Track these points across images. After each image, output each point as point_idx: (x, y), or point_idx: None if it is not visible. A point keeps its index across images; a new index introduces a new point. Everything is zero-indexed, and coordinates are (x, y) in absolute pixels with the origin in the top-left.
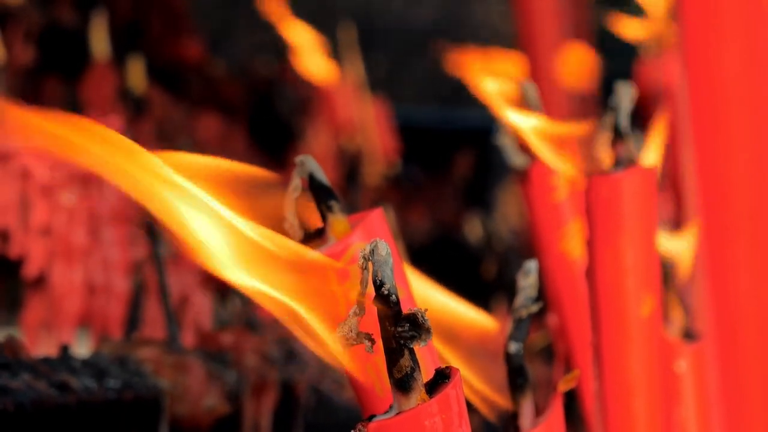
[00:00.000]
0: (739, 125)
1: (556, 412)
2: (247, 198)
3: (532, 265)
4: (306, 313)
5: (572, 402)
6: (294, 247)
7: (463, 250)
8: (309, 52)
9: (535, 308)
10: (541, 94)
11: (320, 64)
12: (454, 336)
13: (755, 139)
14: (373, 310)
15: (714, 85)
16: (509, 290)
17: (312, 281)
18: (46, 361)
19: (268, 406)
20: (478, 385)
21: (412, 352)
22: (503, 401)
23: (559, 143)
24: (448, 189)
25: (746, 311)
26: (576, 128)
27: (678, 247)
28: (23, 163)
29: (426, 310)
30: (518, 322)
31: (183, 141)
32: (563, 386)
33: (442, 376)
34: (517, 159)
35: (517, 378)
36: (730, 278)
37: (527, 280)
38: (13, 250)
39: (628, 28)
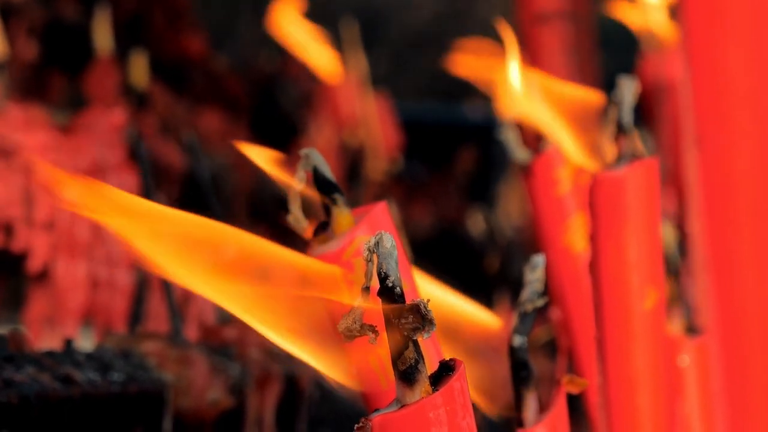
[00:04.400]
0: (742, 120)
1: (559, 406)
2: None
3: (539, 259)
4: (303, 323)
5: (576, 396)
6: (294, 257)
7: (466, 245)
8: (312, 47)
9: (540, 302)
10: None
11: (323, 59)
12: (455, 333)
13: (759, 133)
14: (377, 302)
15: (717, 79)
16: (512, 285)
17: (313, 289)
18: (50, 354)
19: (271, 400)
20: (480, 381)
21: (416, 343)
22: (505, 397)
23: (568, 128)
24: (451, 184)
25: (749, 305)
26: (583, 96)
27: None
28: (26, 158)
29: (428, 300)
30: (523, 316)
31: (186, 135)
32: (569, 387)
33: (446, 368)
34: (519, 153)
35: (520, 371)
36: (733, 272)
37: (534, 274)
38: (17, 245)
39: (630, 22)
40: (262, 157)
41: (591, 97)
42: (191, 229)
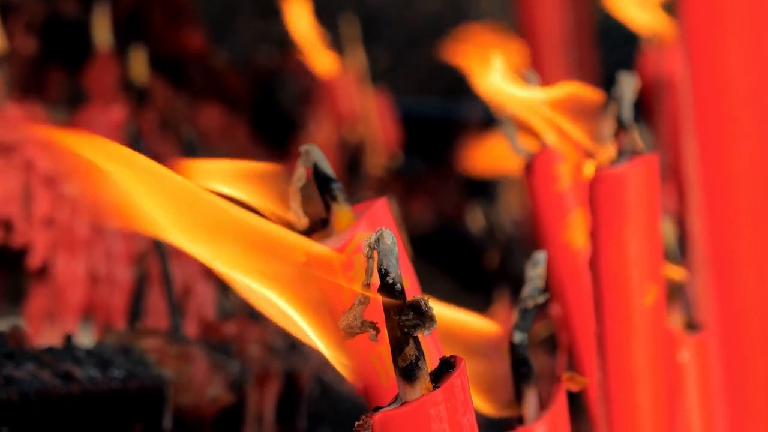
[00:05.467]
0: (742, 115)
1: (560, 402)
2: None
3: (540, 255)
4: (308, 310)
5: (576, 392)
6: (298, 241)
7: (466, 241)
8: (311, 43)
9: (542, 299)
10: (543, 85)
11: (322, 55)
12: (453, 338)
13: (759, 128)
14: (377, 299)
15: (717, 75)
16: (512, 281)
17: (316, 274)
18: (50, 351)
19: (271, 396)
20: (479, 379)
21: (416, 340)
22: (506, 394)
23: (565, 127)
24: (450, 180)
25: (749, 301)
26: (582, 94)
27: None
28: (26, 154)
29: (429, 297)
30: (524, 312)
31: (185, 131)
32: (569, 385)
33: (447, 365)
34: (519, 149)
35: (521, 368)
36: (733, 269)
37: (535, 270)
38: (17, 241)
39: (629, 18)
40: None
41: (590, 93)
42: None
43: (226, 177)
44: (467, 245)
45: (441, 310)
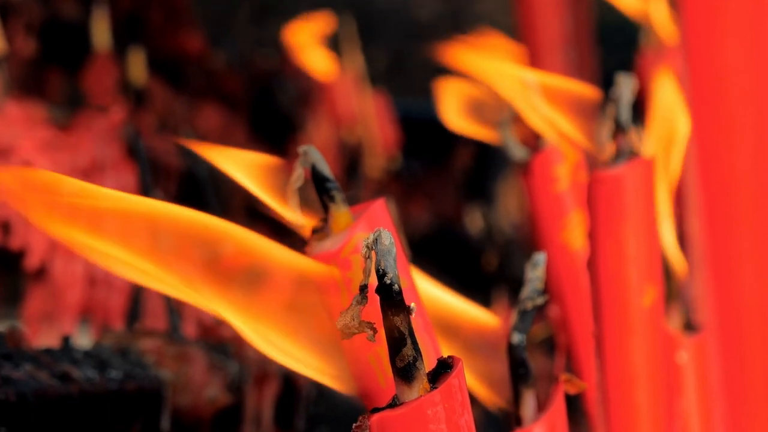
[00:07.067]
0: (742, 116)
1: (558, 404)
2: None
3: (540, 257)
4: (295, 330)
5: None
6: (290, 259)
7: (464, 242)
8: (310, 45)
9: (541, 301)
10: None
11: (321, 57)
12: (453, 331)
13: (759, 128)
14: (375, 299)
15: (716, 75)
16: (510, 283)
17: (312, 286)
18: (48, 351)
19: (269, 398)
20: (478, 378)
21: (414, 341)
22: (503, 394)
23: (566, 127)
24: (449, 182)
25: (748, 302)
26: (581, 91)
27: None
28: (24, 156)
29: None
30: (523, 314)
31: (184, 133)
32: (567, 387)
33: (445, 366)
34: (518, 151)
35: (519, 369)
36: (731, 270)
37: (535, 272)
38: (15, 242)
39: (630, 13)
40: (236, 162)
41: (589, 94)
42: (188, 226)
43: (246, 167)
44: (466, 247)
45: (441, 304)
